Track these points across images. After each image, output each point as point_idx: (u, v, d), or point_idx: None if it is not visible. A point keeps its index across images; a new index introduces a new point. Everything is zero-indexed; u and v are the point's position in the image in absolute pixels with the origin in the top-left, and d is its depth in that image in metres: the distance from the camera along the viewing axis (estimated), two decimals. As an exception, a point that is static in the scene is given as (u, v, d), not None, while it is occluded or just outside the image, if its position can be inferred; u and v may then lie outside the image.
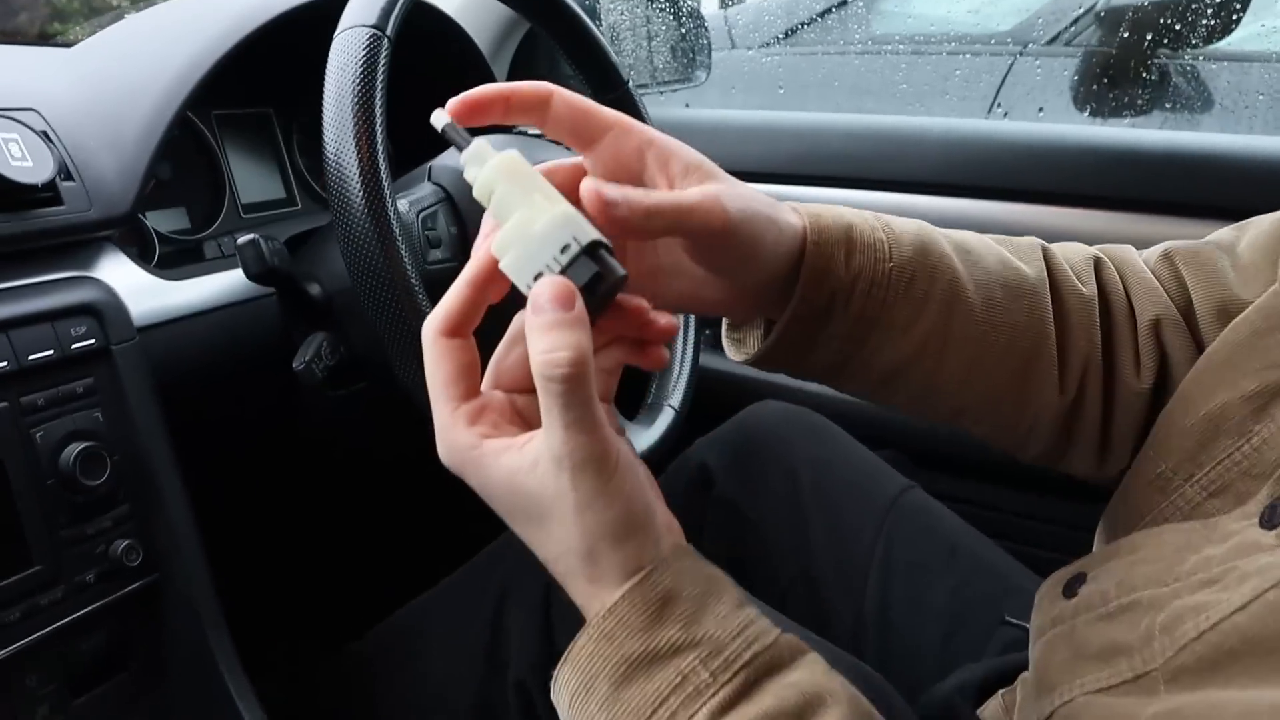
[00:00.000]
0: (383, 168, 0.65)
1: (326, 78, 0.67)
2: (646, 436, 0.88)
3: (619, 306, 0.43)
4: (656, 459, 0.87)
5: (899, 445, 1.13)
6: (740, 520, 0.88)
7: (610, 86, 0.93)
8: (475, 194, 0.41)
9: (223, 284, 0.84)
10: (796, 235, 0.49)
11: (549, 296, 0.38)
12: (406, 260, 0.66)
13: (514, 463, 0.40)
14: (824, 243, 0.49)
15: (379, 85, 0.67)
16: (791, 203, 0.51)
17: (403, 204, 0.77)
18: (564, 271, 0.39)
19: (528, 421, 0.43)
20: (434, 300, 0.68)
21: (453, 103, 0.43)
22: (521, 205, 0.39)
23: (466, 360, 0.42)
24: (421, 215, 0.78)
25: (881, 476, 0.87)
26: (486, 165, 0.41)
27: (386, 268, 0.65)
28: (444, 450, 0.41)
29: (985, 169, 1.12)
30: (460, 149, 0.41)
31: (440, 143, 0.88)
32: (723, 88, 1.59)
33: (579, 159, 0.47)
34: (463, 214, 0.80)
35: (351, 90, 0.66)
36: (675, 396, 0.93)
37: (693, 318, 0.98)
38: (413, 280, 0.66)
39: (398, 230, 0.65)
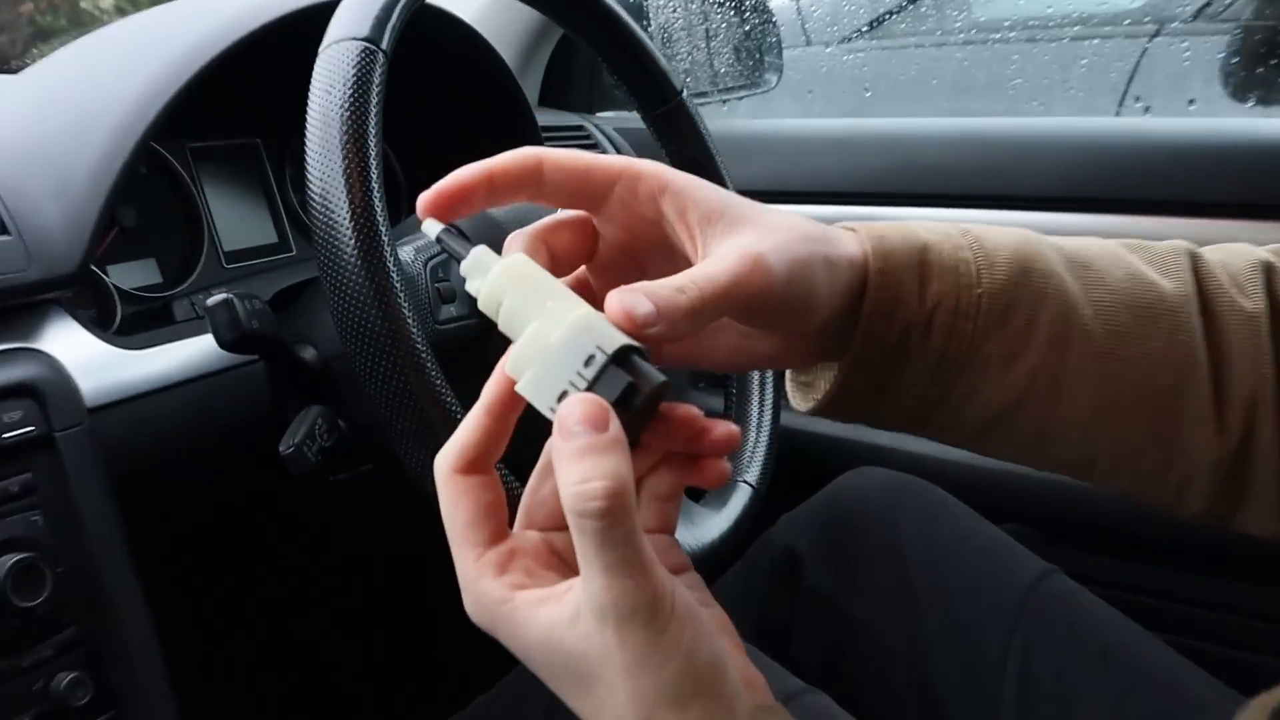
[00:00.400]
0: (378, 208, 0.65)
1: (310, 103, 0.66)
2: (718, 521, 0.88)
3: (664, 418, 0.43)
4: (732, 546, 0.87)
5: (1028, 517, 1.13)
6: (838, 618, 0.87)
7: (661, 99, 0.93)
8: (481, 307, 0.42)
9: (198, 351, 0.83)
10: (856, 267, 0.49)
11: (577, 418, 0.38)
12: (411, 321, 0.65)
13: (552, 617, 0.40)
14: (891, 270, 0.50)
15: (374, 110, 0.66)
16: (849, 224, 0.52)
17: (406, 252, 0.77)
18: (591, 387, 0.39)
19: (569, 565, 0.44)
20: (446, 367, 0.68)
21: (425, 199, 0.44)
22: (535, 315, 0.41)
23: (489, 499, 0.42)
24: (431, 264, 0.77)
25: (1011, 558, 0.87)
26: (490, 274, 0.42)
27: (386, 331, 0.64)
28: (471, 605, 0.42)
29: (1124, 177, 1.11)
30: (457, 259, 0.43)
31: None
32: (797, 92, 1.59)
33: (581, 215, 0.49)
34: None
35: (340, 117, 0.65)
36: (753, 471, 0.93)
37: (771, 371, 0.99)
38: (419, 345, 0.65)
39: (399, 284, 0.65)
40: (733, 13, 1.44)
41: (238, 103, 0.98)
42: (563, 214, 0.48)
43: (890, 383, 0.52)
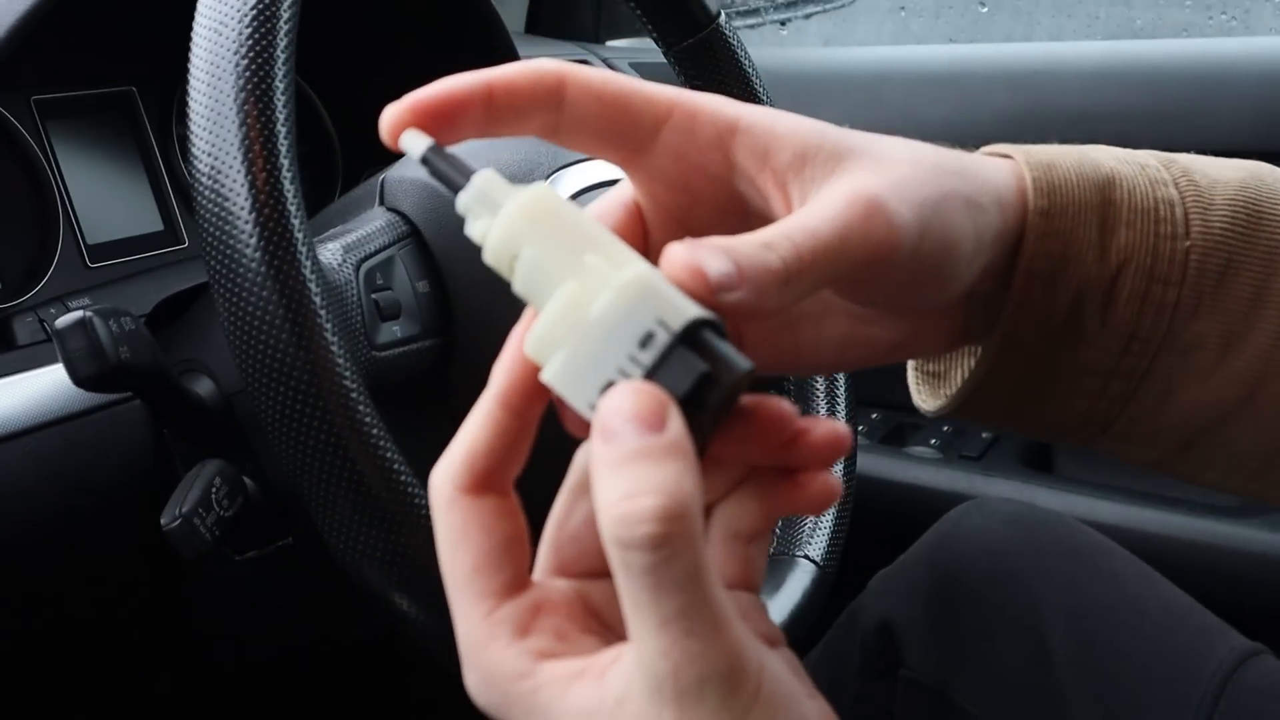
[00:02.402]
0: (290, 191, 0.66)
1: (192, 47, 0.67)
2: (775, 605, 0.90)
3: (745, 418, 0.42)
4: (796, 632, 0.89)
5: (1218, 573, 1.14)
6: (951, 717, 0.86)
7: (690, 26, 0.93)
8: (487, 259, 0.41)
9: (49, 386, 0.83)
10: (1010, 208, 0.49)
11: (623, 415, 0.37)
12: (336, 347, 0.65)
13: (591, 700, 0.39)
14: (1060, 211, 0.49)
15: (282, 52, 0.67)
16: (1002, 148, 0.52)
17: (330, 250, 0.77)
18: (650, 377, 0.38)
19: (611, 628, 0.43)
20: (388, 410, 0.67)
21: (398, 108, 0.43)
22: (568, 273, 0.39)
23: (507, 532, 0.42)
24: (365, 267, 0.78)
25: (1201, 631, 0.84)
26: (502, 212, 0.40)
27: (300, 363, 0.64)
28: (476, 683, 0.42)
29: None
30: (453, 188, 0.41)
31: None
32: (887, 8, 1.59)
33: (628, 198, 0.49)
34: (439, 260, 0.81)
35: (235, 66, 0.66)
36: (816, 543, 0.95)
37: (843, 388, 0.99)
38: (347, 381, 0.65)
39: (319, 296, 0.65)
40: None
41: (104, 37, 0.98)
42: (606, 199, 0.48)
43: (1056, 372, 0.51)
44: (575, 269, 0.39)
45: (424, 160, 0.42)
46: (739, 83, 0.96)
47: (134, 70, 1.06)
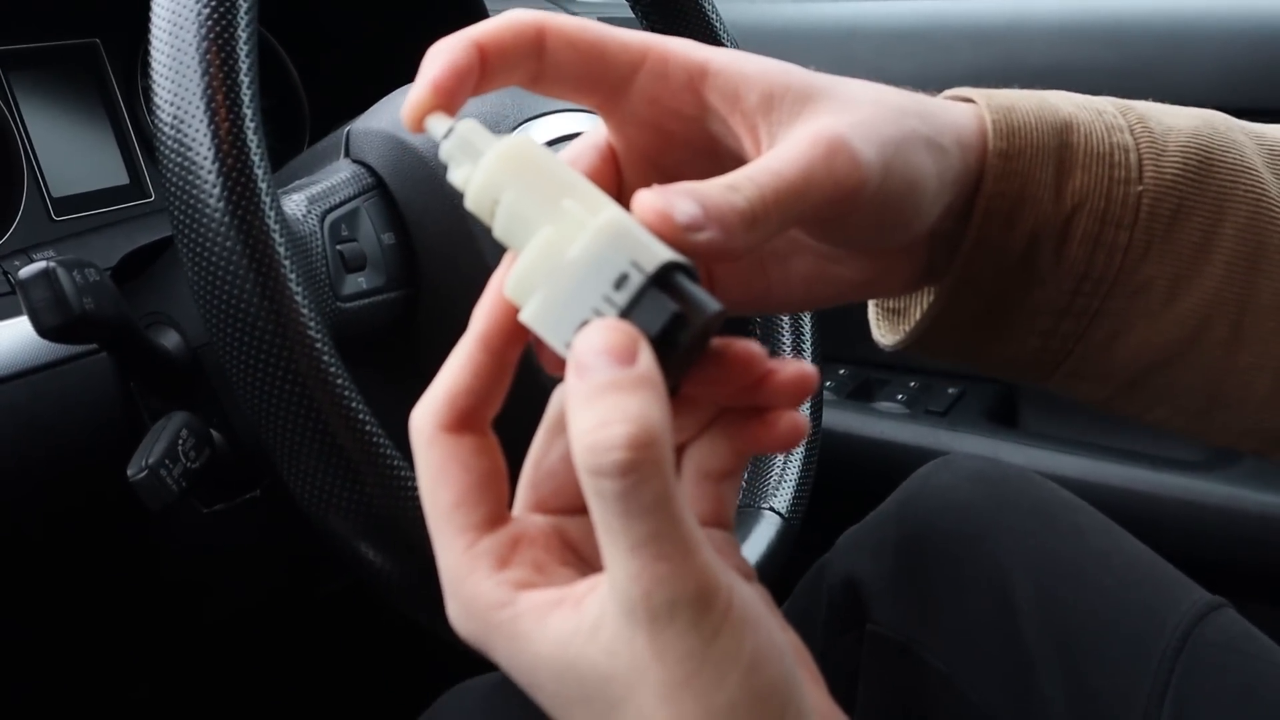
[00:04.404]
0: (253, 141, 0.65)
1: None
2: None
3: (716, 359, 0.43)
4: (764, 583, 0.88)
5: (1182, 527, 1.15)
6: (917, 671, 0.87)
7: None
8: (469, 205, 0.42)
9: (13, 338, 0.84)
10: (970, 149, 0.50)
11: (596, 348, 0.38)
12: (300, 298, 0.66)
13: (568, 626, 0.40)
14: (1017, 152, 0.50)
15: (244, 5, 0.67)
16: (963, 91, 0.53)
17: (295, 201, 0.77)
18: (624, 316, 0.40)
19: (587, 561, 0.45)
20: (353, 362, 0.68)
21: (421, 99, 0.43)
22: (546, 218, 0.41)
23: (486, 467, 0.43)
24: (330, 219, 0.78)
25: (1163, 585, 0.84)
26: (483, 160, 0.42)
27: (265, 313, 0.65)
28: (457, 612, 0.43)
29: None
30: (437, 138, 0.43)
31: (369, 97, 0.86)
32: None
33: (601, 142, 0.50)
34: (404, 211, 0.81)
35: (196, 14, 0.65)
36: (781, 495, 0.94)
37: (808, 337, 1.00)
38: (312, 332, 0.66)
39: (283, 247, 0.65)
40: None
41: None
42: (582, 137, 0.49)
43: (1010, 309, 0.52)
44: (553, 214, 0.41)
45: (425, 127, 0.44)
46: (707, 38, 0.95)
47: (98, 22, 1.05)
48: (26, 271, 0.72)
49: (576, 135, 0.84)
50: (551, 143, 0.83)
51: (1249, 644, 0.82)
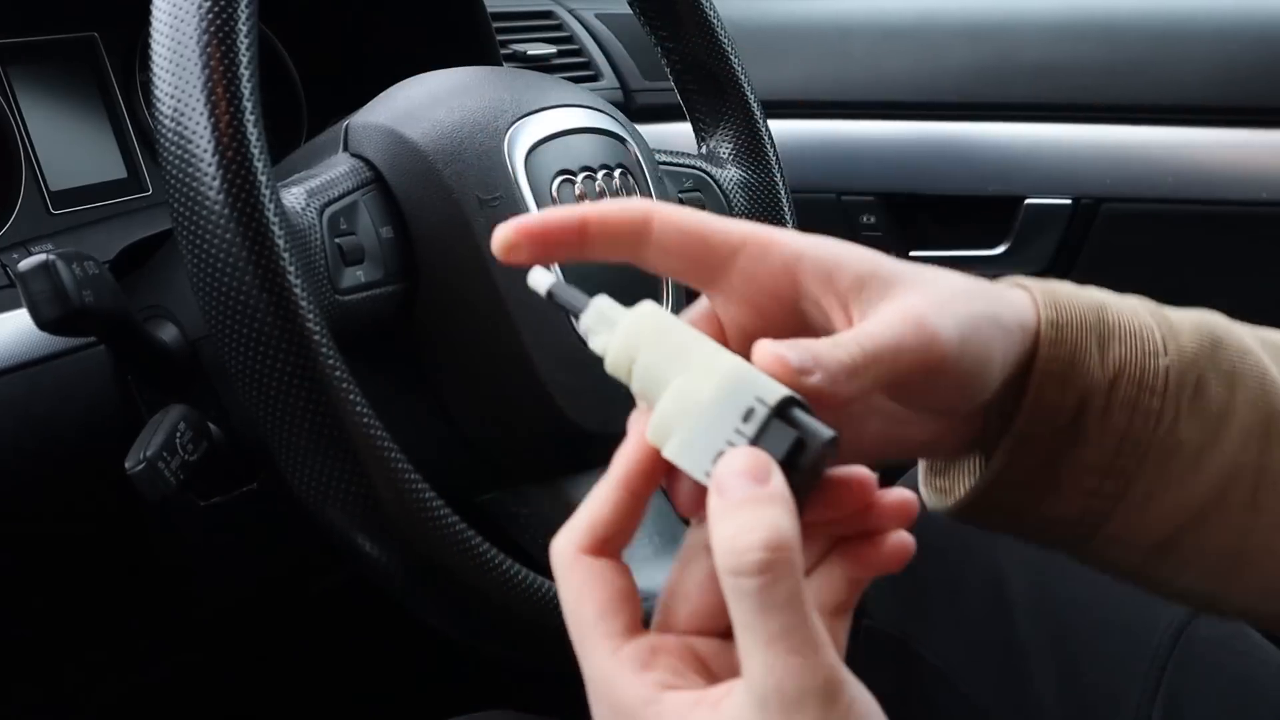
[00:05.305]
0: (253, 134, 0.66)
1: None
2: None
3: (830, 487, 0.48)
4: None
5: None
6: (912, 666, 0.88)
7: None
8: (609, 369, 0.47)
9: (11, 332, 0.83)
10: (1028, 330, 0.53)
11: (735, 470, 0.43)
12: (300, 290, 0.66)
13: None
14: (1066, 324, 0.54)
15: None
16: (1019, 280, 0.56)
17: (294, 195, 0.76)
18: (753, 444, 0.44)
19: (717, 677, 0.47)
20: (352, 354, 0.68)
21: (510, 234, 0.48)
22: (677, 370, 0.46)
23: (621, 586, 0.47)
24: (329, 212, 0.77)
25: None
26: (619, 329, 0.47)
27: (264, 306, 0.65)
28: (606, 710, 0.45)
29: None
30: (575, 314, 0.48)
31: (368, 92, 0.86)
32: None
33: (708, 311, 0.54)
34: (402, 205, 0.81)
35: (196, 8, 0.66)
36: None
37: None
38: (311, 324, 0.66)
39: (282, 240, 0.66)
40: None
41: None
42: (693, 311, 0.54)
43: (1061, 467, 0.54)
44: (682, 367, 0.46)
45: (548, 295, 0.49)
46: (703, 34, 0.96)
47: (97, 16, 1.05)
48: (26, 264, 0.73)
49: (572, 130, 0.86)
50: (550, 138, 0.83)
51: (1240, 641, 0.83)
